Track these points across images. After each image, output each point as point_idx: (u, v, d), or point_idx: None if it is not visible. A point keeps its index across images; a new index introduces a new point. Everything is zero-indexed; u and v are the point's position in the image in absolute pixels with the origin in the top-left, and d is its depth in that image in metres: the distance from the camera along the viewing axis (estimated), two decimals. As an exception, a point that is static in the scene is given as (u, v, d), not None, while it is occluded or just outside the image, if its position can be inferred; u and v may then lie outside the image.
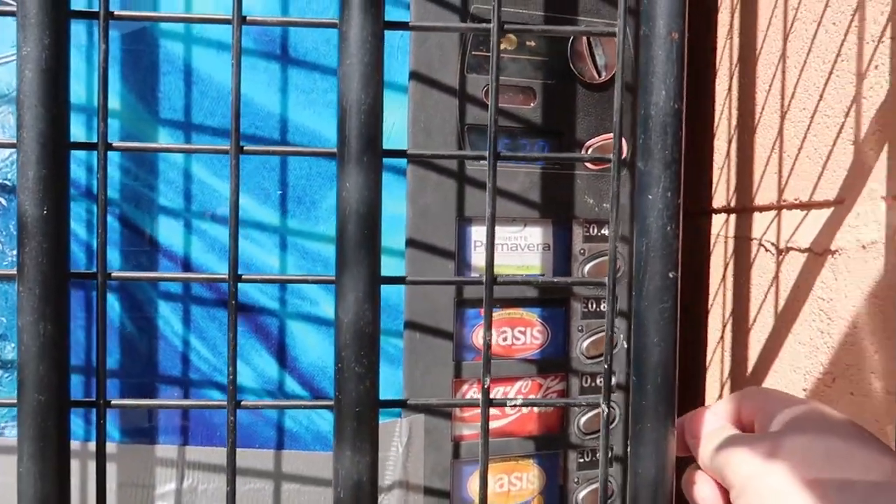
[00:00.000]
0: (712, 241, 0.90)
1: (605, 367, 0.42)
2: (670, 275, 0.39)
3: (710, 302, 0.90)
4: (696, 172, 0.91)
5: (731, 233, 0.84)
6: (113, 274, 0.40)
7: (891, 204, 0.57)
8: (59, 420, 0.37)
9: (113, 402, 0.40)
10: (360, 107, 0.37)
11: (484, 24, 0.41)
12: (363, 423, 0.38)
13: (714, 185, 0.89)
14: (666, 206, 0.38)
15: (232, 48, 0.38)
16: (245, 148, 0.39)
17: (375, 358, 0.38)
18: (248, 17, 0.39)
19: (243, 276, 0.41)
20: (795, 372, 0.69)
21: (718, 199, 0.88)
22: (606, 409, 0.43)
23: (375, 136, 0.37)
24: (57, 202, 0.37)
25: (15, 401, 0.38)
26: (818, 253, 0.65)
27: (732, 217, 0.84)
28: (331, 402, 0.40)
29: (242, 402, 0.41)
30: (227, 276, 0.40)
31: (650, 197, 0.39)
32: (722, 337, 0.86)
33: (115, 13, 0.39)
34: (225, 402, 0.40)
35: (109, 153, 0.39)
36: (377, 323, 0.38)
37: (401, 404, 0.43)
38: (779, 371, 0.72)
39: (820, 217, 0.66)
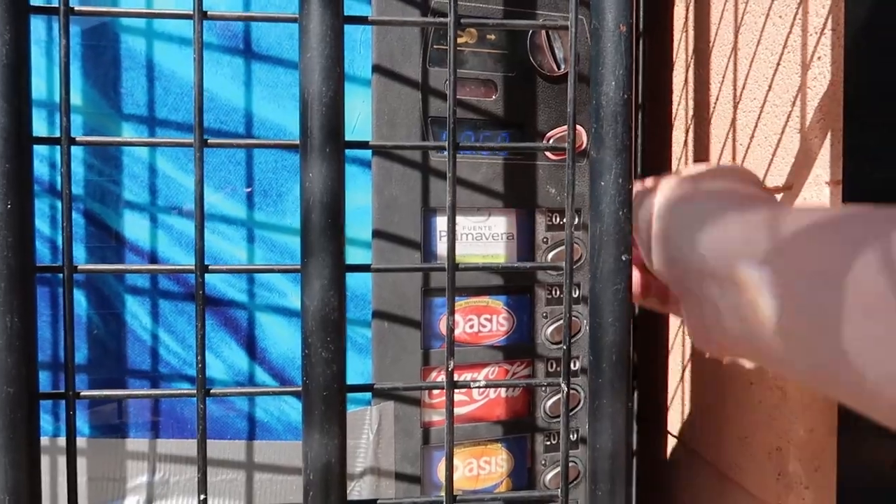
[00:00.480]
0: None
1: (564, 348, 0.44)
2: (623, 257, 0.40)
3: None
4: (655, 163, 0.94)
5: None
6: (79, 267, 0.41)
7: (833, 189, 0.60)
8: (28, 412, 0.38)
9: (82, 392, 0.41)
10: (321, 99, 0.38)
11: (441, 19, 0.42)
12: (331, 407, 0.39)
13: (673, 174, 0.92)
14: (618, 192, 0.40)
15: (194, 43, 0.39)
16: (209, 141, 0.40)
17: (341, 343, 0.39)
18: (208, 13, 0.39)
19: (210, 267, 0.41)
20: (751, 352, 0.72)
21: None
22: (566, 389, 0.45)
23: (337, 126, 0.38)
24: (21, 196, 0.37)
25: (-17, 394, 0.38)
26: (770, 237, 0.68)
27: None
28: (298, 388, 0.41)
29: (212, 390, 0.42)
30: (193, 267, 0.41)
31: (602, 184, 0.40)
32: (682, 326, 0.89)
33: (76, 8, 0.39)
34: (195, 391, 0.41)
35: (73, 148, 0.39)
36: (343, 309, 0.39)
37: (367, 388, 0.44)
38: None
39: (771, 202, 0.68)
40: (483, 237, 0.69)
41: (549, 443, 0.72)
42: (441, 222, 0.67)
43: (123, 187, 0.60)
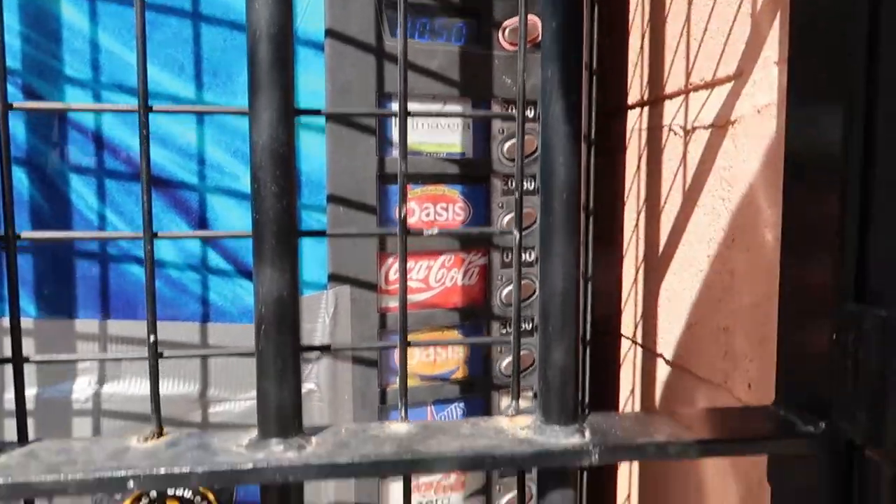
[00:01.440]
0: (627, 136, 0.93)
1: (516, 194, 0.44)
2: (573, 99, 0.41)
3: (625, 195, 0.94)
4: (612, 77, 0.94)
5: (645, 125, 0.88)
6: (23, 234, 0.39)
7: (782, 68, 0.61)
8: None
9: (24, 234, 0.40)
10: (265, -81, 0.37)
11: None
12: (282, 242, 0.39)
13: (629, 83, 0.92)
14: (565, 34, 0.40)
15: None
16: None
17: (291, 180, 0.39)
18: None
19: (158, 234, 0.41)
20: (700, 242, 0.74)
21: (633, 96, 0.91)
22: (518, 236, 0.45)
23: (282, -49, 0.37)
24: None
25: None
26: (720, 126, 0.69)
27: (646, 109, 0.88)
28: (249, 234, 0.41)
29: (159, 234, 0.41)
30: (141, 235, 0.40)
31: (553, 25, 0.40)
32: (636, 225, 0.90)
33: None
34: (141, 234, 0.40)
35: (8, 19, 0.38)
36: (291, 145, 0.39)
37: (319, 233, 0.44)
38: (686, 244, 0.77)
39: (722, 92, 0.69)
40: (439, 126, 0.68)
41: (504, 331, 0.73)
42: (395, 107, 0.66)
43: (64, 62, 0.57)
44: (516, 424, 0.45)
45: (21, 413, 0.40)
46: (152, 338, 0.41)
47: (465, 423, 0.46)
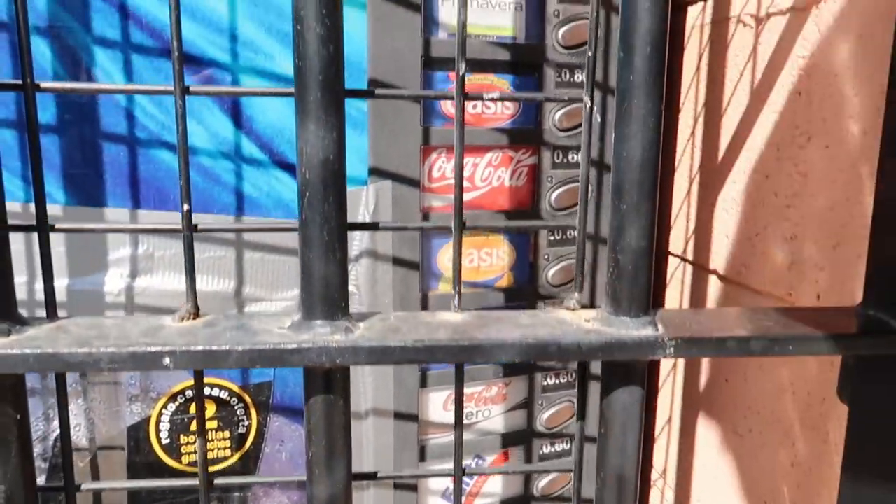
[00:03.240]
0: (686, 35, 0.86)
1: (589, 55, 0.39)
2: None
3: (681, 101, 0.87)
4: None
5: (708, 18, 0.80)
6: (42, 85, 0.35)
7: (884, -66, 0.53)
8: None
9: (43, 84, 0.36)
10: None
11: None
12: (328, 93, 0.34)
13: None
14: None
15: None
16: None
17: (339, 21, 0.34)
18: None
19: (190, 88, 0.36)
20: (769, 145, 0.68)
21: (696, -11, 0.84)
22: (590, 103, 0.40)
23: None
24: None
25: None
26: (801, 9, 0.62)
27: (710, 2, 0.80)
28: (291, 91, 0.36)
29: (191, 88, 0.37)
30: (171, 89, 0.35)
31: None
32: (693, 133, 0.84)
33: None
34: (171, 88, 0.36)
35: None
36: (340, -19, 0.34)
37: (368, 94, 0.39)
38: (750, 148, 0.71)
39: (805, -29, 0.62)
40: (489, 5, 0.62)
41: (552, 237, 0.69)
42: (443, -16, 0.60)
43: (83, -79, 0.52)
44: (580, 317, 0.41)
45: (49, 286, 0.37)
46: (186, 207, 0.37)
47: (523, 314, 0.42)
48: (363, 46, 0.58)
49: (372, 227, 0.41)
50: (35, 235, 0.37)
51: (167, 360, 0.34)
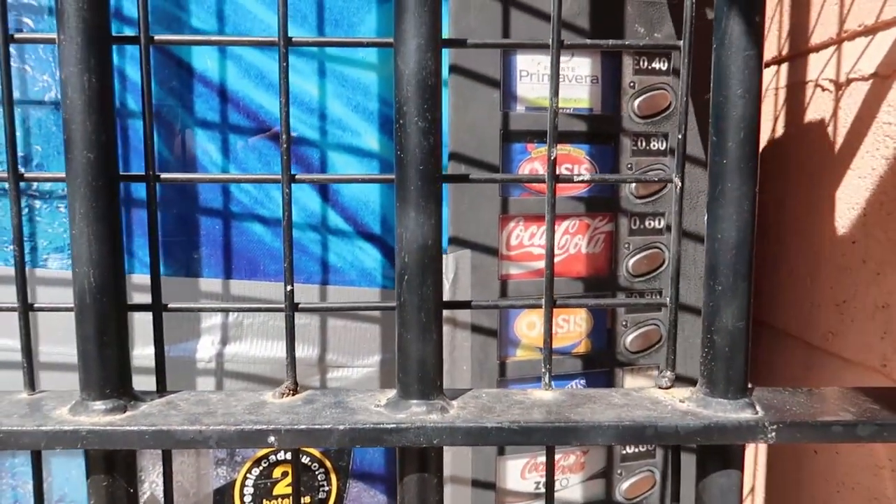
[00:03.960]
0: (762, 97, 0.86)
1: (679, 137, 0.40)
2: (756, 18, 0.35)
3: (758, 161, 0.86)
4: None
5: (783, 82, 0.80)
6: (162, 176, 0.38)
7: (974, 2, 0.53)
8: (108, 181, 0.35)
9: (163, 176, 0.38)
10: None
11: None
12: (428, 182, 0.36)
13: (765, 35, 0.84)
14: (754, -62, 0.35)
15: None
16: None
17: (439, 115, 0.36)
18: None
19: (297, 177, 0.39)
20: (853, 208, 0.66)
21: (769, 51, 0.84)
22: (679, 184, 0.41)
23: None
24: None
25: (64, 175, 0.36)
26: (885, 76, 0.62)
27: (784, 66, 0.80)
28: (391, 177, 0.38)
29: (297, 176, 0.39)
30: (279, 177, 0.38)
31: (736, -70, 0.35)
32: (771, 194, 0.83)
33: None
34: (279, 176, 0.38)
35: None
36: (440, 76, 0.36)
37: (464, 179, 0.41)
38: (834, 211, 0.69)
39: (888, 37, 0.61)
40: (566, 79, 0.64)
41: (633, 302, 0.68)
42: (521, 61, 0.62)
43: (190, 13, 0.56)
44: (674, 396, 0.41)
45: (160, 362, 0.39)
46: (289, 288, 0.39)
47: (615, 393, 0.42)
48: (445, 121, 0.60)
49: (464, 305, 0.42)
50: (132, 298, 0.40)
51: (272, 439, 0.36)
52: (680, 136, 0.40)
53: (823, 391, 0.42)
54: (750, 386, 0.41)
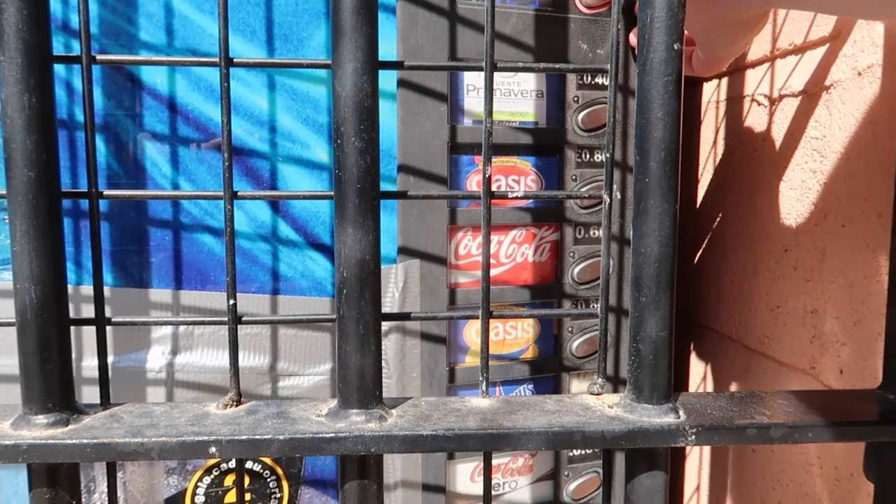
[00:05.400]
0: (703, 109, 0.89)
1: (607, 155, 0.42)
2: (675, 46, 0.38)
3: (700, 170, 0.90)
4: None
5: (723, 96, 0.83)
6: (105, 193, 0.39)
7: (889, 23, 0.56)
8: (49, 198, 0.36)
9: (105, 192, 0.39)
10: None
11: None
12: (365, 200, 0.37)
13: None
14: (671, -28, 0.37)
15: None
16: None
17: (375, 135, 0.37)
18: None
19: (238, 193, 0.40)
20: (786, 218, 0.69)
21: (710, 66, 0.87)
22: (608, 200, 0.43)
23: None
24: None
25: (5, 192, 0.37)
26: (812, 93, 0.65)
27: (724, 80, 0.83)
28: (330, 193, 0.39)
29: (239, 193, 0.40)
30: (222, 194, 0.39)
31: (655, -36, 0.37)
32: (712, 202, 0.86)
33: None
34: (221, 192, 0.39)
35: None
36: (376, 98, 0.37)
37: (401, 195, 0.42)
38: (769, 221, 0.72)
39: (815, 56, 0.65)
40: (511, 93, 0.66)
41: (576, 310, 0.71)
42: (469, 75, 0.64)
43: (139, 27, 0.57)
44: (604, 402, 0.43)
45: (104, 375, 0.39)
46: (232, 301, 0.40)
47: (548, 400, 0.44)
48: (393, 133, 0.62)
49: (403, 317, 0.43)
50: (80, 309, 0.40)
51: (213, 450, 0.37)
52: (608, 155, 0.42)
53: (746, 395, 0.45)
54: (675, 392, 0.44)
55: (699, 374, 0.91)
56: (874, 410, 0.44)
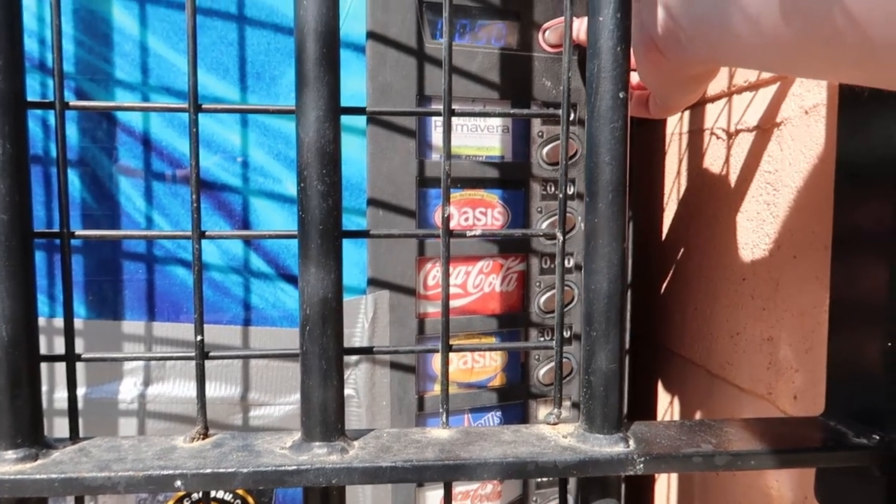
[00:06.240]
0: (667, 140, 0.92)
1: (560, 196, 0.44)
2: (620, 94, 0.40)
3: (665, 199, 0.93)
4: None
5: (685, 128, 0.86)
6: (77, 233, 0.40)
7: (832, 69, 0.59)
8: (22, 240, 0.37)
9: (77, 232, 0.41)
10: (315, -78, 0.37)
11: None
12: (327, 240, 0.39)
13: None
14: (616, 27, 0.40)
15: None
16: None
17: (337, 179, 0.39)
18: None
19: (206, 233, 0.41)
20: (743, 249, 0.72)
21: (673, 100, 0.90)
22: (561, 238, 0.45)
23: (331, -47, 0.38)
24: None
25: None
26: (765, 129, 0.68)
27: (686, 113, 0.86)
28: (295, 233, 0.41)
29: (207, 232, 0.42)
30: (190, 234, 0.41)
31: (601, 19, 0.40)
32: (677, 230, 0.89)
33: None
34: (190, 232, 0.41)
35: (62, 23, 0.38)
36: (338, 143, 0.39)
37: (363, 234, 0.44)
38: (728, 250, 0.75)
39: (767, 94, 0.68)
40: (478, 129, 0.68)
41: (543, 338, 0.73)
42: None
43: (114, 65, 0.59)
44: (559, 432, 0.45)
45: (73, 410, 0.40)
46: (199, 337, 0.41)
47: (506, 430, 0.45)
48: (363, 168, 0.64)
49: (366, 350, 0.45)
50: (53, 341, 0.42)
51: (178, 483, 0.38)
52: (560, 196, 0.44)
53: (695, 423, 0.47)
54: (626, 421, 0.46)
55: (667, 397, 0.94)
56: (817, 437, 0.46)
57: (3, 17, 0.36)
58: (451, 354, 0.70)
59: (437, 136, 0.66)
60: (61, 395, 0.59)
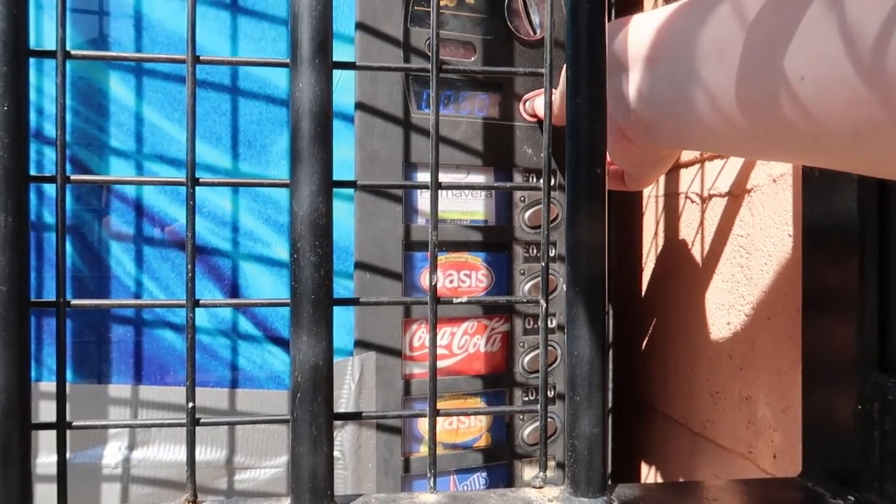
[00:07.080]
0: (644, 202, 0.95)
1: (542, 265, 0.46)
2: (597, 171, 0.42)
3: (643, 259, 0.95)
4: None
5: (661, 192, 0.90)
6: (73, 302, 0.42)
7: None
8: (19, 310, 0.38)
9: (73, 301, 0.42)
10: (311, 11, 0.40)
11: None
12: (319, 309, 0.40)
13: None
14: (592, 108, 0.42)
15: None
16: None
17: (329, 250, 0.41)
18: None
19: (200, 301, 0.43)
20: (719, 309, 0.74)
21: (649, 164, 0.94)
22: (544, 304, 0.46)
23: (326, 39, 0.40)
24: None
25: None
26: (736, 195, 0.71)
27: (662, 178, 0.90)
28: (287, 301, 0.42)
29: (201, 301, 0.43)
30: (184, 302, 0.42)
31: (578, 101, 0.43)
32: (655, 291, 0.91)
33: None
34: (184, 301, 0.42)
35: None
36: (329, 216, 0.41)
37: (353, 302, 0.45)
38: (705, 311, 0.77)
39: (737, 162, 0.71)
40: (462, 194, 0.71)
41: (527, 398, 0.74)
42: (422, 177, 0.69)
43: (109, 134, 0.60)
44: (544, 495, 0.45)
45: (62, 479, 0.41)
46: (191, 404, 0.42)
47: (493, 494, 0.46)
48: (351, 233, 0.66)
49: (355, 416, 0.46)
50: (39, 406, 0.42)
51: (167, 553, 0.38)
52: (543, 264, 0.46)
53: (678, 485, 0.48)
54: (610, 483, 0.47)
55: (650, 455, 0.94)
56: (795, 498, 0.47)
57: (10, 100, 0.38)
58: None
59: (422, 202, 0.69)
60: (43, 461, 0.58)
